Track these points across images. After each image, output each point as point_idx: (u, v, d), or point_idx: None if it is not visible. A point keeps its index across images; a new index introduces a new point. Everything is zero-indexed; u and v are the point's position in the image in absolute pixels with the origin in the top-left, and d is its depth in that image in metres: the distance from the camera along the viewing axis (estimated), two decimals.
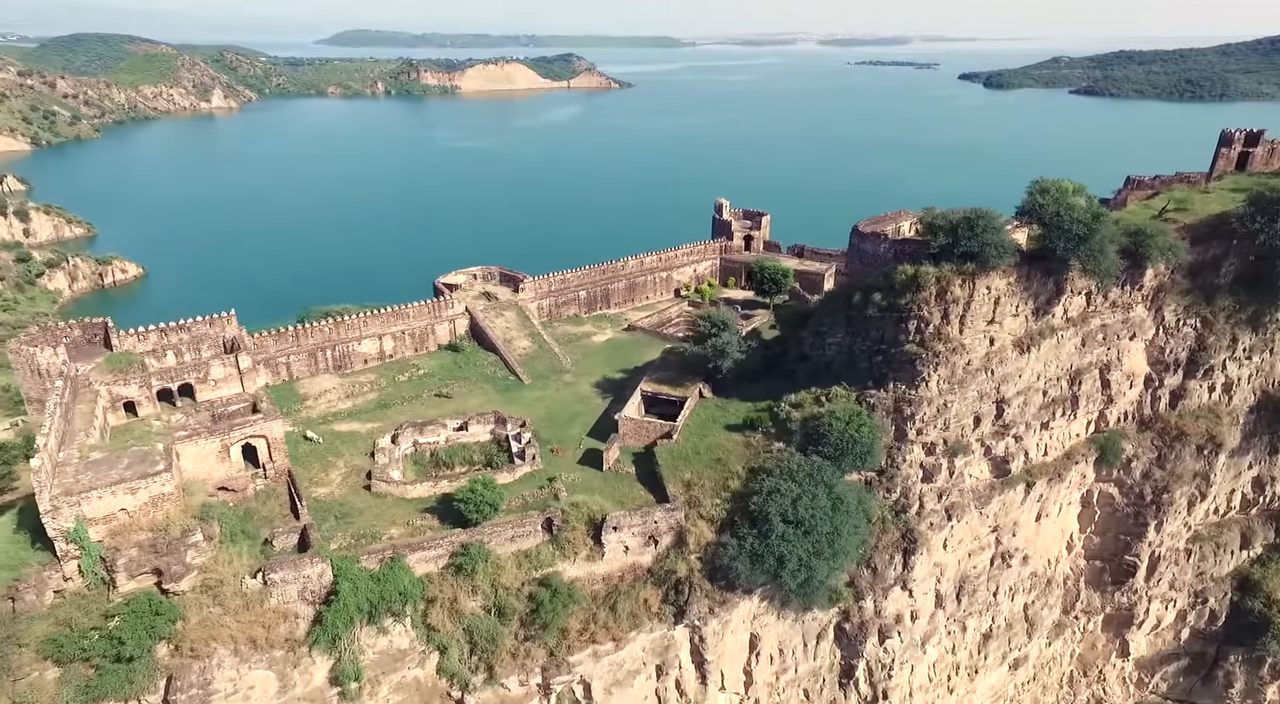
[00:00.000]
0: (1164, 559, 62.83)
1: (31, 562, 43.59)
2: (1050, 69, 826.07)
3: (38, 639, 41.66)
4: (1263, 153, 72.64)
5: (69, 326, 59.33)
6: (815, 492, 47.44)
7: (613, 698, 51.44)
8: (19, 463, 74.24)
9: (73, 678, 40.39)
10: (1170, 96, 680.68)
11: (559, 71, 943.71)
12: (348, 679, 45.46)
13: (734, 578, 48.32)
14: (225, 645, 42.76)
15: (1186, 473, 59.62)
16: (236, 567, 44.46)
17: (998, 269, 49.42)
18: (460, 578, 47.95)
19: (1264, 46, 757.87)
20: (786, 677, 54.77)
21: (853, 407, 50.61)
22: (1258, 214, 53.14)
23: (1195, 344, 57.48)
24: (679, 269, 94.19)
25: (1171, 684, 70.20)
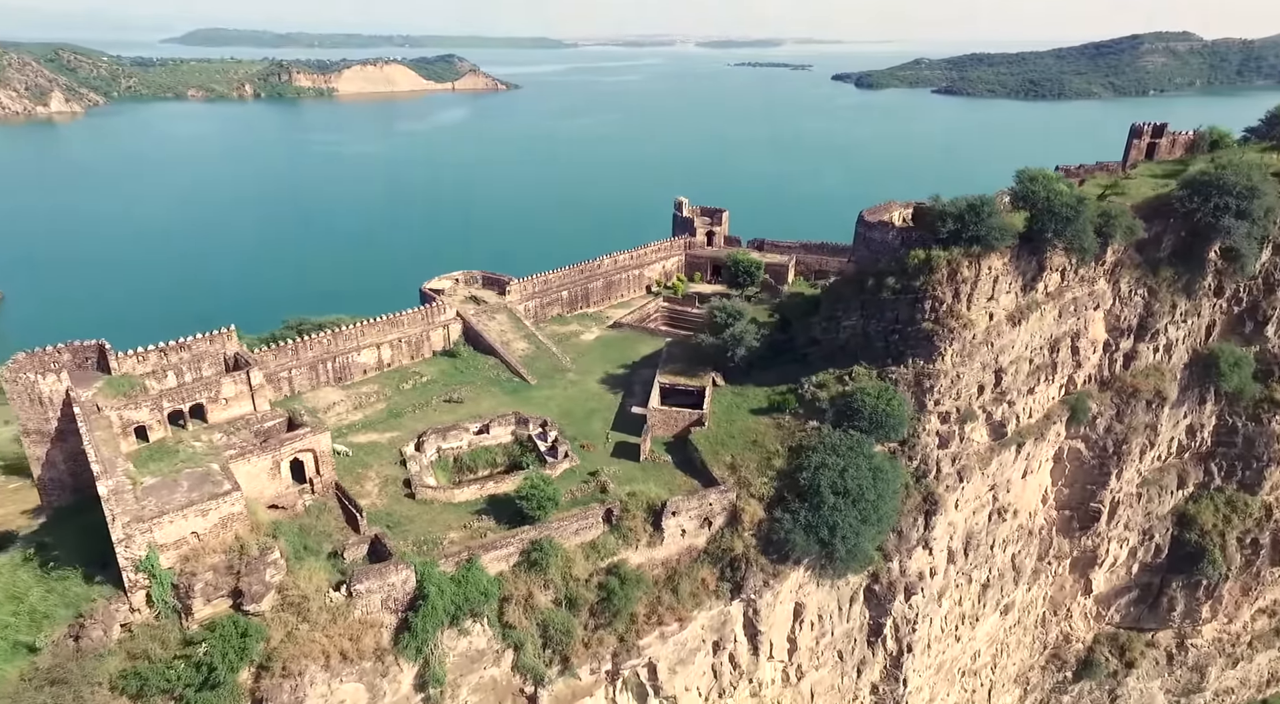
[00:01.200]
0: (1121, 503, 71.36)
1: (92, 596, 41.47)
2: (913, 70, 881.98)
3: (112, 675, 39.99)
4: (1166, 143, 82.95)
5: (59, 351, 55.45)
6: (858, 463, 51.53)
7: (676, 676, 53.79)
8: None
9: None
10: (1017, 95, 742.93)
11: (441, 73, 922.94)
12: (437, 683, 45.68)
13: (789, 550, 51.68)
14: (315, 661, 42.21)
15: (1140, 425, 68.06)
16: (316, 581, 43.78)
17: (996, 251, 55.13)
18: (533, 573, 48.92)
19: (1090, 51, 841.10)
20: (825, 641, 58.74)
21: (879, 383, 55.11)
22: (1194, 195, 61.57)
23: (1144, 311, 65.75)
24: (650, 266, 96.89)
25: (1124, 614, 79.44)
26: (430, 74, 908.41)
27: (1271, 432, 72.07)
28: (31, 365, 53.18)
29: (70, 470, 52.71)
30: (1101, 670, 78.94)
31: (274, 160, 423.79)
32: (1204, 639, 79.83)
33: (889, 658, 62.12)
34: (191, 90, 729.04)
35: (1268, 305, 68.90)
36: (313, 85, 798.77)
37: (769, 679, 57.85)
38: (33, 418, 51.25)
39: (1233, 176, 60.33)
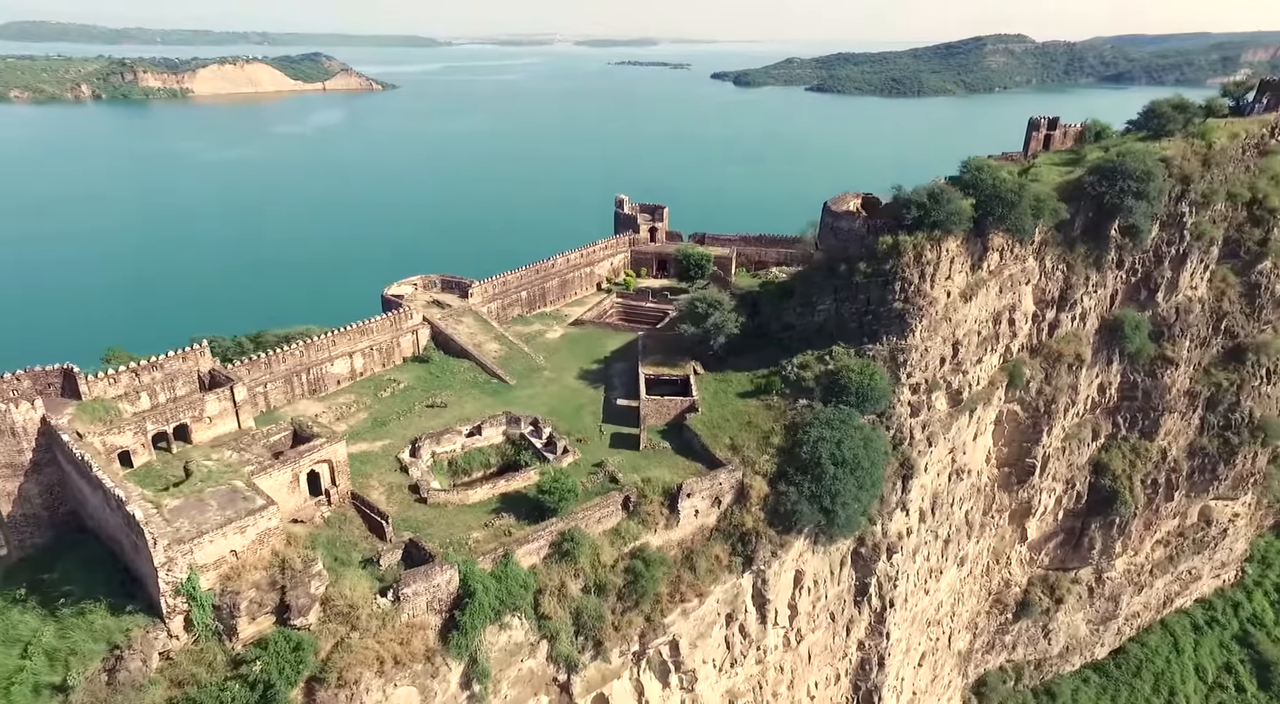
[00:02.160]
0: (1051, 457, 79.94)
1: (124, 626, 39.73)
2: (786, 69, 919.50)
3: None
4: (1059, 135, 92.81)
5: (17, 377, 51.59)
6: (851, 435, 55.91)
7: (695, 651, 56.50)
8: None
9: None
10: (882, 93, 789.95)
11: (310, 72, 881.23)
12: (484, 677, 46.36)
13: (795, 521, 55.45)
14: (369, 668, 42.14)
15: (1064, 386, 76.53)
16: (360, 589, 43.52)
17: (953, 234, 60.97)
18: (564, 563, 50.25)
19: (941, 51, 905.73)
20: (820, 604, 63.07)
21: (859, 360, 59.80)
22: (1102, 179, 70.01)
23: (1064, 284, 73.99)
24: (599, 264, 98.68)
25: (1052, 557, 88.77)
26: (298, 74, 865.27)
27: (1164, 385, 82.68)
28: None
29: (46, 505, 49.58)
30: (1036, 609, 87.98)
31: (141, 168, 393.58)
32: (1116, 572, 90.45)
33: (873, 615, 67.28)
34: (15, 91, 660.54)
35: (1157, 275, 78.99)
36: (164, 86, 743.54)
37: (773, 645, 61.54)
38: (2, 450, 47.77)
39: (1132, 163, 69.12)
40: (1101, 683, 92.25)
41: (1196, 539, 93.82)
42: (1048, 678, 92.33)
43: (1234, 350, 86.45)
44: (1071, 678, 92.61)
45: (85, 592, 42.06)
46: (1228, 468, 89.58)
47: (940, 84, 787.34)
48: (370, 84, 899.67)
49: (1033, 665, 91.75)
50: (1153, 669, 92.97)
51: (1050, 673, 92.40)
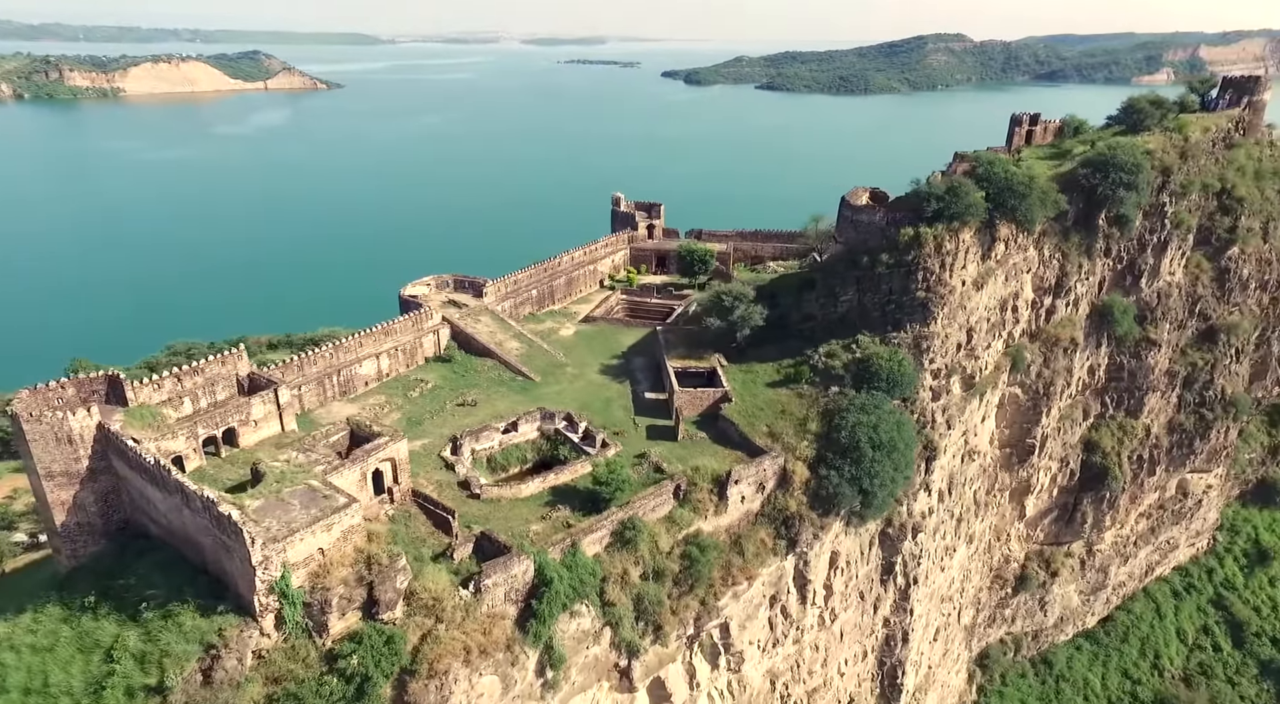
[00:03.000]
0: (1049, 437, 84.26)
1: (216, 627, 39.88)
2: (735, 67, 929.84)
3: (256, 702, 38.88)
4: (1040, 130, 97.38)
5: (61, 386, 50.82)
6: (886, 419, 58.60)
7: (744, 632, 58.52)
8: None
9: None
10: (830, 90, 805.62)
11: (250, 71, 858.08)
12: (560, 662, 47.57)
13: (837, 503, 57.90)
14: (457, 659, 43.03)
15: (1060, 369, 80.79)
16: (441, 582, 44.28)
17: (968, 225, 64.19)
18: (626, 551, 51.70)
19: (886, 49, 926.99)
20: (851, 584, 65.72)
21: (887, 348, 62.53)
22: (1095, 172, 74.20)
23: (1060, 272, 78.14)
24: (601, 261, 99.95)
25: (1047, 532, 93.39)
26: (237, 72, 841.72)
27: (1148, 366, 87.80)
28: (37, 402, 48.70)
29: (100, 513, 49.18)
30: (1034, 583, 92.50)
31: (78, 169, 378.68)
32: (1105, 544, 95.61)
33: (898, 592, 70.27)
34: None
35: (1141, 261, 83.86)
36: (93, 85, 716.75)
37: (810, 624, 63.94)
38: (59, 459, 47.39)
39: (1123, 156, 73.47)
40: (1093, 650, 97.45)
41: (1175, 511, 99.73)
42: (1044, 648, 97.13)
43: (1207, 332, 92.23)
44: (1066, 646, 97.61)
45: (169, 595, 41.96)
46: (1203, 442, 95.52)
47: (886, 82, 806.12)
48: (314, 83, 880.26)
49: (1030, 636, 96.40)
50: (1139, 634, 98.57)
51: (1046, 643, 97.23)
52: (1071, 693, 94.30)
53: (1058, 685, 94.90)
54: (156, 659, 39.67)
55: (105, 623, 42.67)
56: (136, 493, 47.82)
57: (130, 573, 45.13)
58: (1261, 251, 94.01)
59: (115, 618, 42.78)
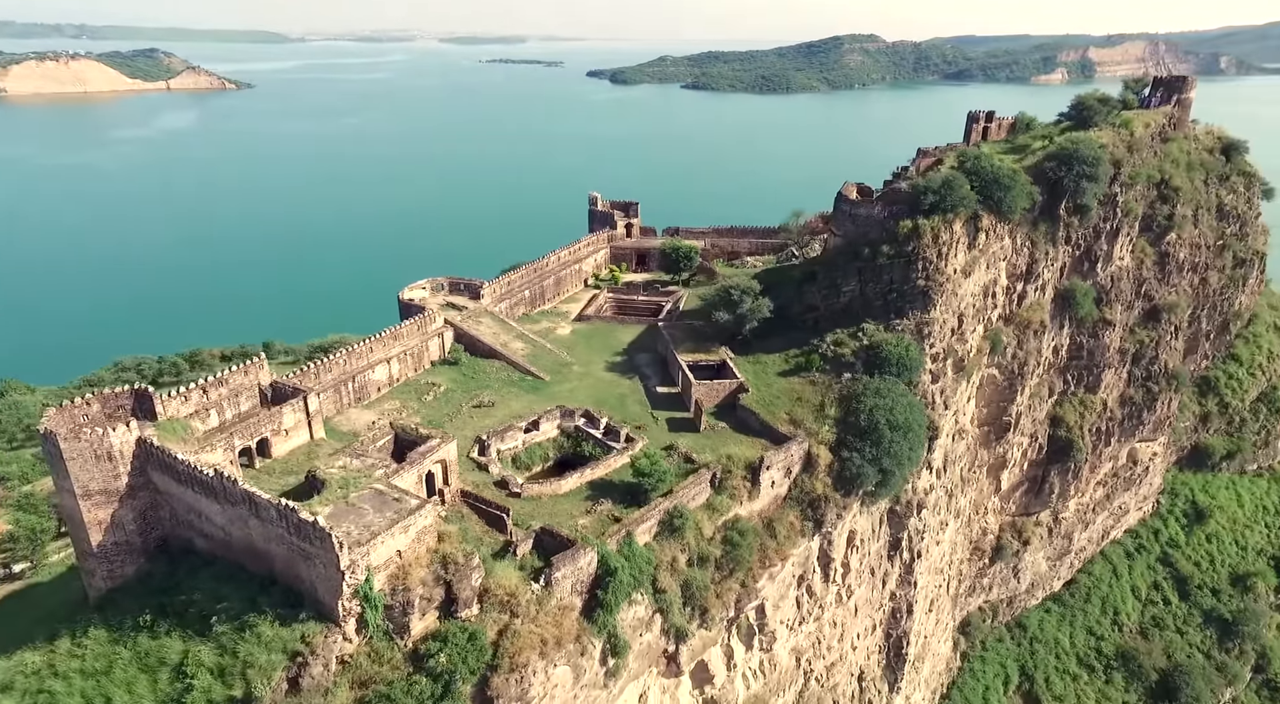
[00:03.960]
0: (1022, 414, 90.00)
1: (298, 634, 39.65)
2: (660, 67, 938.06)
3: None
4: (995, 127, 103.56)
5: (86, 402, 49.06)
6: (899, 401, 62.02)
7: (778, 612, 60.98)
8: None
9: None
10: (754, 90, 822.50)
11: (149, 70, 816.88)
12: (625, 649, 48.86)
13: (860, 484, 60.95)
14: (534, 651, 43.84)
15: (1032, 350, 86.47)
16: (511, 578, 44.98)
17: (959, 217, 68.37)
18: (673, 539, 53.33)
19: (804, 49, 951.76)
20: (865, 561, 69.08)
21: (892, 335, 66.03)
22: (1060, 164, 79.82)
23: (1030, 259, 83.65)
24: (584, 261, 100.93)
25: (1019, 504, 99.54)
26: (135, 72, 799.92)
27: (1104, 344, 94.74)
28: (64, 420, 47.00)
29: (140, 531, 47.88)
30: (1008, 552, 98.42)
31: None
32: (1069, 512, 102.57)
33: (903, 566, 74.12)
34: None
35: (1096, 248, 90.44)
36: None
37: (830, 602, 66.97)
38: (97, 477, 46.03)
39: (1085, 150, 79.33)
40: (1060, 611, 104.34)
41: (1126, 478, 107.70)
42: (1018, 612, 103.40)
43: (1151, 311, 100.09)
44: (1036, 610, 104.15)
45: (242, 607, 41.30)
46: (1150, 414, 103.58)
47: (806, 81, 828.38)
48: (223, 83, 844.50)
49: (1005, 603, 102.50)
50: (1099, 594, 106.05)
51: (1019, 608, 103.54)
52: (1044, 653, 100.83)
53: (1032, 646, 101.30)
54: (239, 671, 39.17)
55: (169, 640, 41.80)
56: (183, 508, 46.66)
57: (189, 588, 44.10)
58: (1193, 237, 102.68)
59: (180, 634, 41.96)
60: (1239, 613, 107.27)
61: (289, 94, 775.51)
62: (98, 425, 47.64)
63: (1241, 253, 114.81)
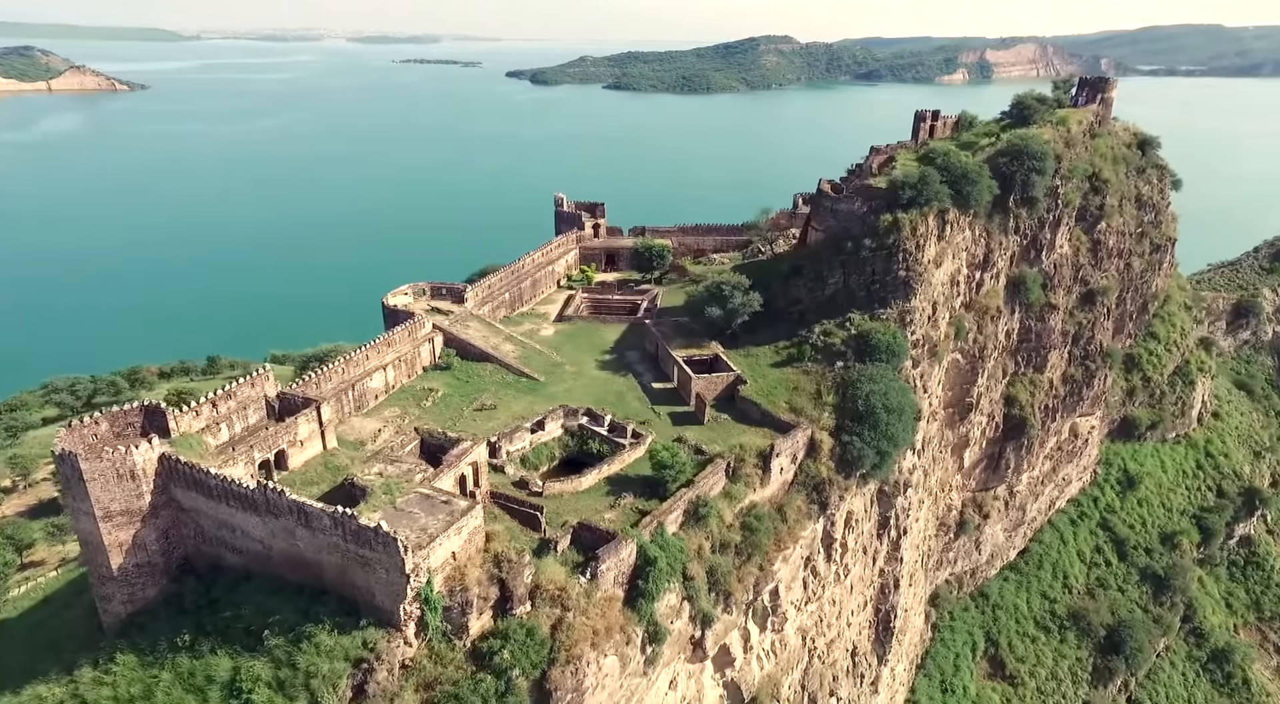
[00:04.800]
0: (982, 395, 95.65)
1: (362, 640, 39.56)
2: (581, 67, 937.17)
3: None
4: (941, 125, 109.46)
5: (95, 421, 47.18)
6: (892, 386, 65.51)
7: (790, 592, 63.46)
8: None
9: None
10: (675, 90, 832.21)
11: (25, 69, 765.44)
12: (663, 640, 50.25)
13: (860, 466, 64.05)
14: (587, 643, 44.80)
15: (990, 334, 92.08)
16: (560, 572, 45.76)
17: (932, 211, 72.52)
18: (698, 527, 55.03)
19: (722, 50, 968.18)
20: (859, 540, 72.44)
21: (880, 324, 69.53)
22: (1012, 160, 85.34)
23: (986, 248, 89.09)
24: (556, 262, 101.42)
25: (978, 481, 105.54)
26: (9, 71, 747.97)
27: (1050, 327, 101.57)
28: (76, 440, 45.21)
29: (162, 551, 46.46)
30: (970, 526, 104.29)
31: None
32: (1022, 486, 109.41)
33: (890, 543, 77.96)
34: None
35: (1041, 237, 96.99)
36: None
37: (830, 581, 69.99)
38: (119, 496, 44.69)
39: (1034, 146, 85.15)
40: (1017, 579, 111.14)
41: (1069, 451, 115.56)
42: (980, 583, 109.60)
43: (1087, 295, 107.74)
44: (996, 579, 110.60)
45: (296, 618, 40.69)
46: (1089, 390, 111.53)
47: (726, 82, 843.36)
48: (112, 84, 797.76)
49: (969, 574, 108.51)
50: (1050, 561, 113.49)
51: (981, 578, 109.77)
52: (1006, 618, 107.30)
53: (994, 614, 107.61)
54: (300, 683, 38.78)
55: (215, 658, 40.98)
56: (212, 524, 45.45)
57: (231, 604, 43.10)
58: (1120, 225, 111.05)
59: (226, 650, 41.05)
60: (1169, 569, 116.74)
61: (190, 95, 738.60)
62: (107, 445, 45.95)
63: (1157, 239, 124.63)
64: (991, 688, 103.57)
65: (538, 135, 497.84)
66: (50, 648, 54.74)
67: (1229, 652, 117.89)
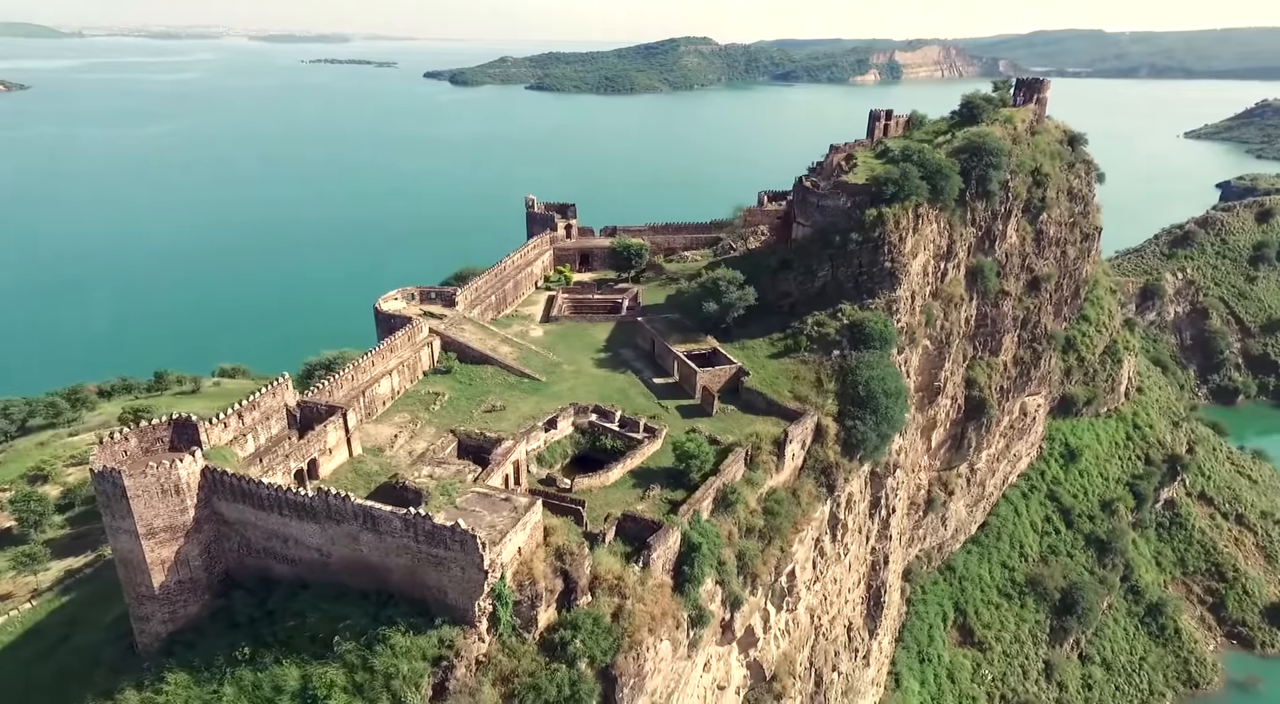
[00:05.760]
0: (948, 379, 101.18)
1: (438, 638, 39.93)
2: (501, 68, 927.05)
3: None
4: (892, 124, 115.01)
5: (125, 437, 45.69)
6: (888, 371, 69.17)
7: (805, 573, 66.21)
8: None
9: None
10: (598, 90, 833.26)
11: None
12: (707, 623, 52.00)
13: (864, 448, 67.38)
14: (645, 629, 46.18)
15: (955, 321, 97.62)
16: (614, 562, 46.95)
17: (911, 205, 76.71)
18: (727, 514, 57.03)
19: (642, 51, 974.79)
20: (856, 519, 75.99)
21: (871, 313, 73.14)
22: (972, 156, 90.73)
23: (949, 240, 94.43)
24: (534, 264, 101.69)
25: (942, 460, 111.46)
26: None
27: (1004, 313, 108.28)
28: (108, 457, 43.88)
29: (205, 566, 45.56)
30: (937, 504, 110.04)
31: None
32: (982, 463, 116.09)
33: (881, 522, 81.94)
34: None
35: (994, 228, 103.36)
36: None
37: (833, 560, 73.23)
38: (163, 512, 43.70)
39: (991, 142, 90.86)
40: (979, 551, 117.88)
41: (1020, 428, 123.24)
42: (947, 556, 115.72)
43: (1032, 282, 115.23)
44: (960, 552, 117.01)
45: (365, 623, 40.51)
46: (1036, 371, 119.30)
47: (648, 82, 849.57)
48: None
49: (936, 549, 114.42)
50: (1007, 532, 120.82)
51: (948, 552, 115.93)
52: (971, 588, 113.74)
53: (961, 585, 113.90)
54: (380, 684, 38.85)
55: (280, 668, 40.52)
56: (261, 535, 44.69)
57: (291, 613, 42.49)
58: (1058, 216, 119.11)
59: (293, 660, 40.58)
60: (1110, 533, 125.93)
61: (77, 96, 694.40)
62: (137, 461, 44.63)
63: (1086, 228, 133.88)
64: (963, 654, 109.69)
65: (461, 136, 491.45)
66: (55, 682, 52.58)
67: (1162, 605, 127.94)
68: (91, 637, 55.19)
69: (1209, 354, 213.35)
